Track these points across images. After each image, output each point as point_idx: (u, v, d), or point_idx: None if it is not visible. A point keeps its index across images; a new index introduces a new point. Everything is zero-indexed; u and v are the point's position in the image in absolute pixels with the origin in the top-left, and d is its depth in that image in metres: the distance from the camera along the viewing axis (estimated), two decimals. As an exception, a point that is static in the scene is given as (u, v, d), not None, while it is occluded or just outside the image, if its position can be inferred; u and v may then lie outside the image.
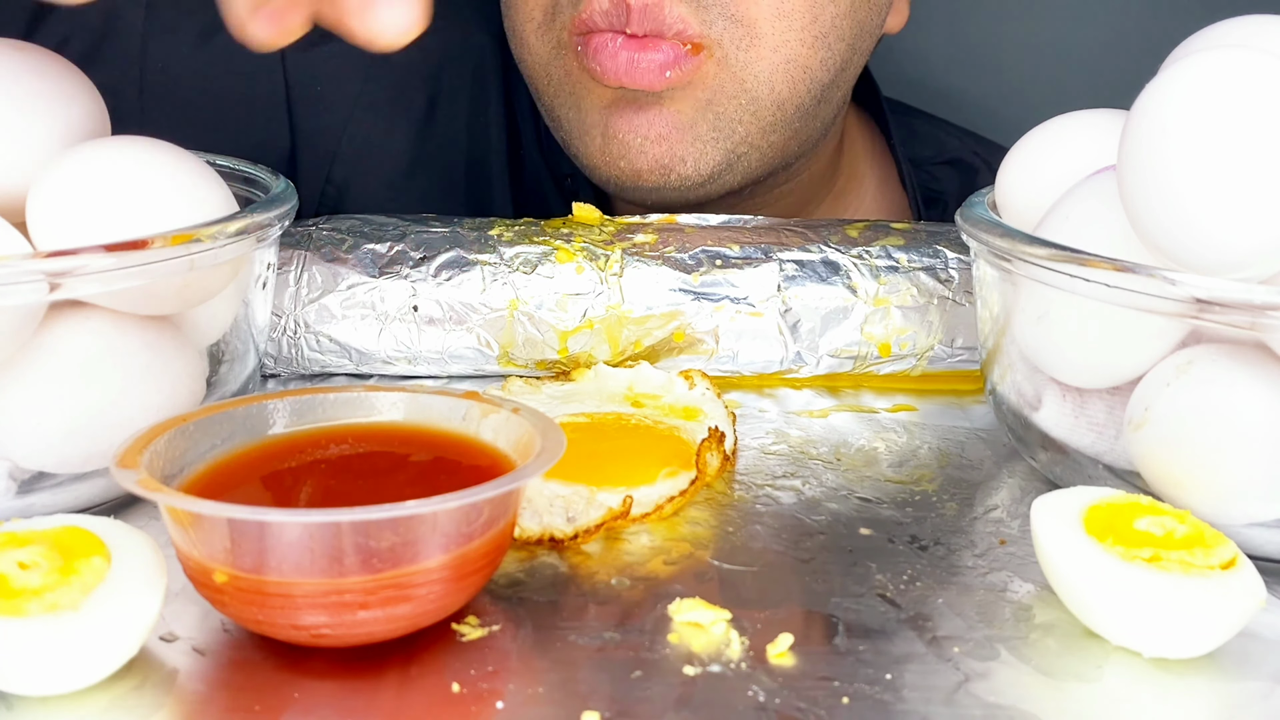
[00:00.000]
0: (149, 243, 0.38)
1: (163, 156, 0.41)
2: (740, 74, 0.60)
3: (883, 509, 0.43)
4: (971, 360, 0.54)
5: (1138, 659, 0.34)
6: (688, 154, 0.61)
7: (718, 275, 0.54)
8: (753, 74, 0.60)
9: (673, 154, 0.61)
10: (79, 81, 0.43)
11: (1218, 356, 0.38)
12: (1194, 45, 0.43)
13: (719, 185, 0.63)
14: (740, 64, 0.60)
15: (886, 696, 0.32)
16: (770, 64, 0.60)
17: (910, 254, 0.55)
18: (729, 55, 0.59)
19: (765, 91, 0.61)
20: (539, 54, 0.64)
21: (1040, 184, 0.46)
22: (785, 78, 0.61)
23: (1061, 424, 0.43)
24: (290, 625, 0.32)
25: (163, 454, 0.35)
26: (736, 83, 0.60)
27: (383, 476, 0.37)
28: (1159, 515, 0.36)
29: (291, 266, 0.53)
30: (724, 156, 0.62)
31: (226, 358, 0.45)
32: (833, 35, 0.61)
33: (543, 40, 0.63)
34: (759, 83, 0.60)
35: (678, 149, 0.61)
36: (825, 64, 0.62)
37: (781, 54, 0.60)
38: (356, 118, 0.73)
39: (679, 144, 0.61)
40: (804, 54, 0.60)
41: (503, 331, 0.53)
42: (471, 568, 0.34)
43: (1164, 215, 0.37)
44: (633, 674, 0.33)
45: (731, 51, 0.59)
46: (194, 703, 0.32)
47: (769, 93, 0.61)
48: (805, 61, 0.61)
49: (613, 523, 0.41)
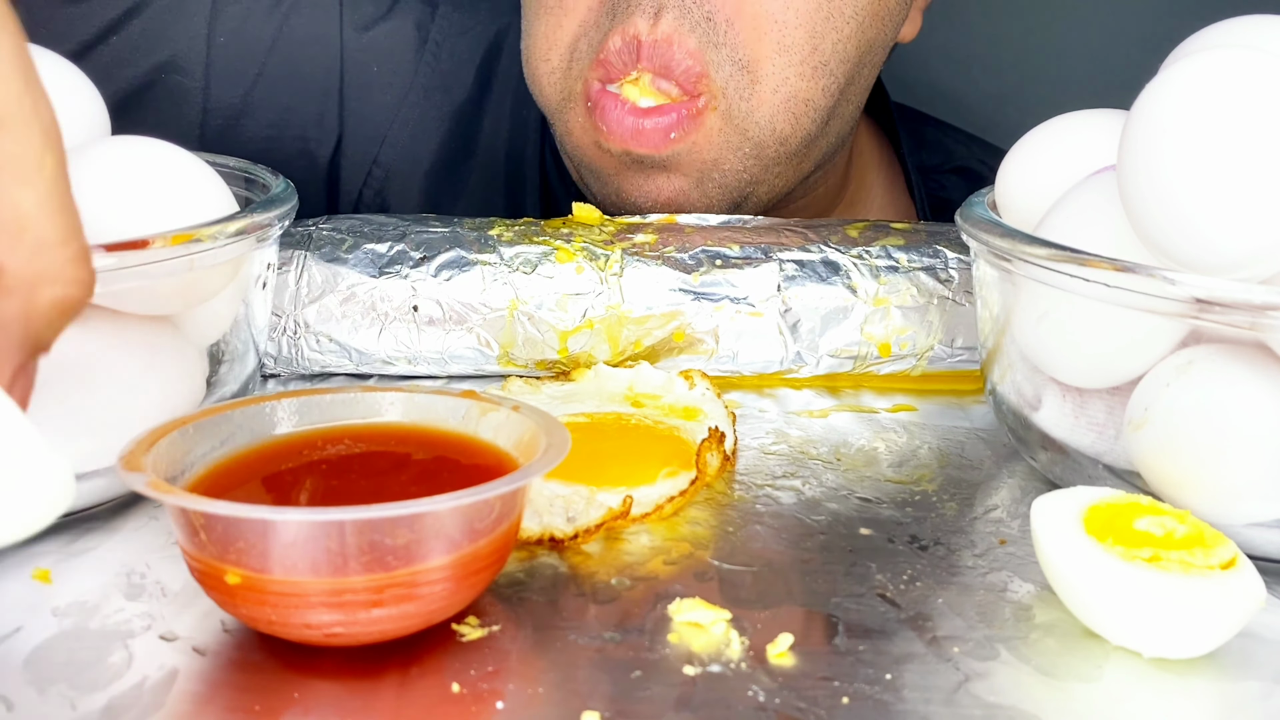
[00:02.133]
0: (149, 243, 0.38)
1: (163, 156, 0.41)
2: (743, 124, 0.60)
3: (883, 509, 0.43)
4: (971, 360, 0.54)
5: (1138, 659, 0.34)
6: (697, 206, 0.62)
7: (718, 275, 0.54)
8: (754, 121, 0.60)
9: (682, 208, 0.62)
10: (79, 81, 0.43)
11: (1218, 356, 0.38)
12: (1194, 45, 0.43)
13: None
14: (743, 114, 0.60)
15: (886, 696, 0.32)
16: (771, 106, 0.60)
17: (910, 254, 0.55)
18: (732, 107, 0.59)
19: (768, 135, 0.61)
20: (549, 101, 0.64)
21: (1040, 184, 0.46)
22: (787, 116, 0.61)
23: (1061, 424, 0.43)
24: (303, 625, 0.32)
25: (165, 456, 0.35)
26: (739, 134, 0.60)
27: (385, 476, 0.37)
28: (1159, 515, 0.36)
29: (291, 266, 0.53)
30: (733, 201, 0.62)
31: (226, 358, 0.45)
32: (834, 61, 0.61)
33: (554, 88, 0.63)
34: (760, 129, 0.60)
35: (687, 205, 0.62)
36: (826, 91, 0.61)
37: (781, 93, 0.60)
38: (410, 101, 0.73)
39: (688, 203, 0.62)
40: (804, 87, 0.60)
41: (503, 331, 0.53)
42: (481, 565, 0.34)
43: (1164, 215, 0.37)
44: (633, 674, 0.33)
45: (735, 102, 0.59)
46: (194, 703, 0.32)
47: (771, 135, 0.61)
48: (805, 95, 0.61)
49: (613, 523, 0.41)
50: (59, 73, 0.43)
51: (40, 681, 0.32)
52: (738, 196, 0.62)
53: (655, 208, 0.61)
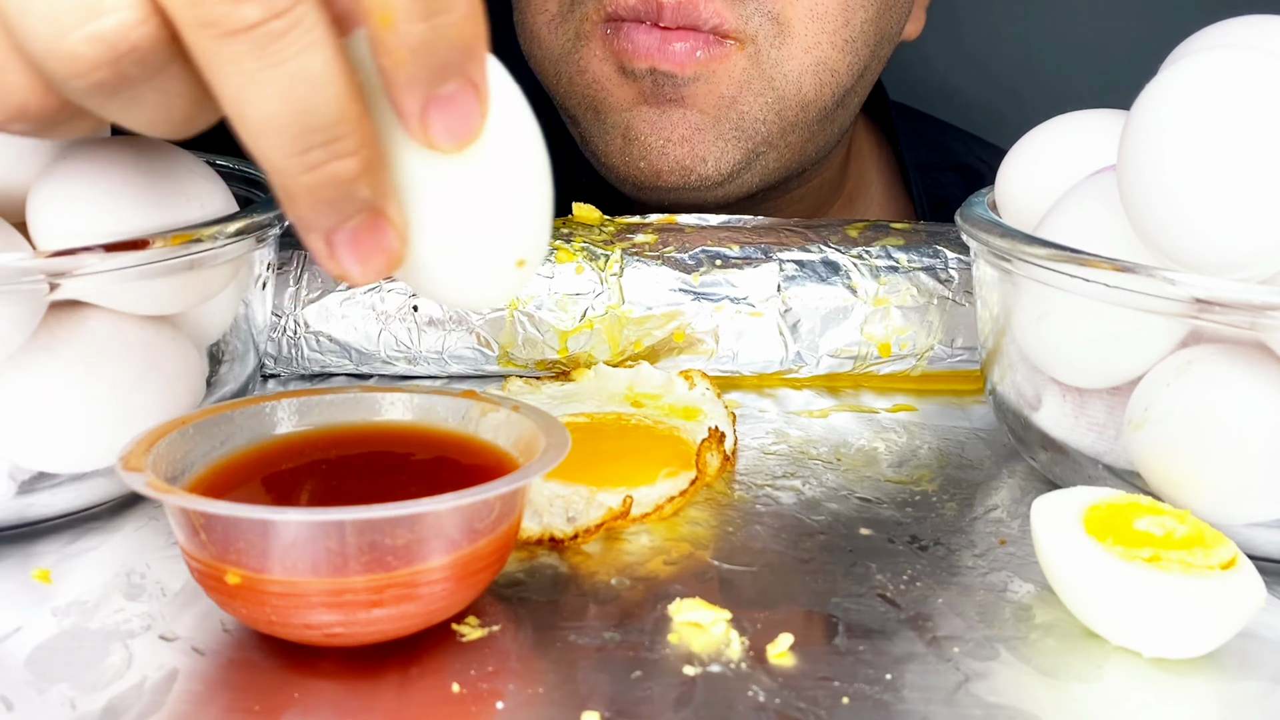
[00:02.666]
0: (149, 243, 0.38)
1: (163, 156, 0.41)
2: (770, 71, 0.60)
3: (883, 509, 0.43)
4: (971, 360, 0.54)
5: (1138, 659, 0.34)
6: (709, 153, 0.61)
7: (718, 275, 0.54)
8: (782, 73, 0.60)
9: (694, 154, 0.61)
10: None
11: (1218, 356, 0.38)
12: (1194, 45, 0.43)
13: (736, 186, 0.63)
14: (771, 61, 0.60)
15: (886, 696, 0.32)
16: (800, 64, 0.60)
17: (910, 254, 0.55)
18: (761, 51, 0.59)
19: (793, 91, 0.61)
20: (552, 49, 0.63)
21: (1040, 184, 0.46)
22: (814, 79, 0.61)
23: (1061, 424, 0.43)
24: (303, 625, 0.32)
25: (165, 456, 0.35)
26: (764, 80, 0.60)
27: (386, 476, 0.37)
28: (1159, 515, 0.36)
29: (291, 266, 0.53)
30: (744, 156, 0.62)
31: (226, 358, 0.45)
32: (860, 40, 0.61)
33: (557, 34, 0.62)
34: (787, 82, 0.60)
35: (699, 149, 0.61)
36: (851, 68, 0.62)
37: (813, 55, 0.60)
38: None
39: (700, 144, 0.61)
40: (834, 56, 0.61)
41: (503, 331, 0.53)
42: (481, 565, 0.34)
43: (1164, 215, 0.37)
44: (633, 674, 0.33)
45: (765, 47, 0.59)
46: (194, 703, 0.32)
47: (796, 93, 0.61)
48: (834, 64, 0.61)
49: (613, 523, 0.41)
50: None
51: (40, 681, 0.32)
52: (748, 152, 0.62)
53: (666, 146, 0.61)
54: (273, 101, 0.26)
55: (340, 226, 0.28)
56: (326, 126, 0.26)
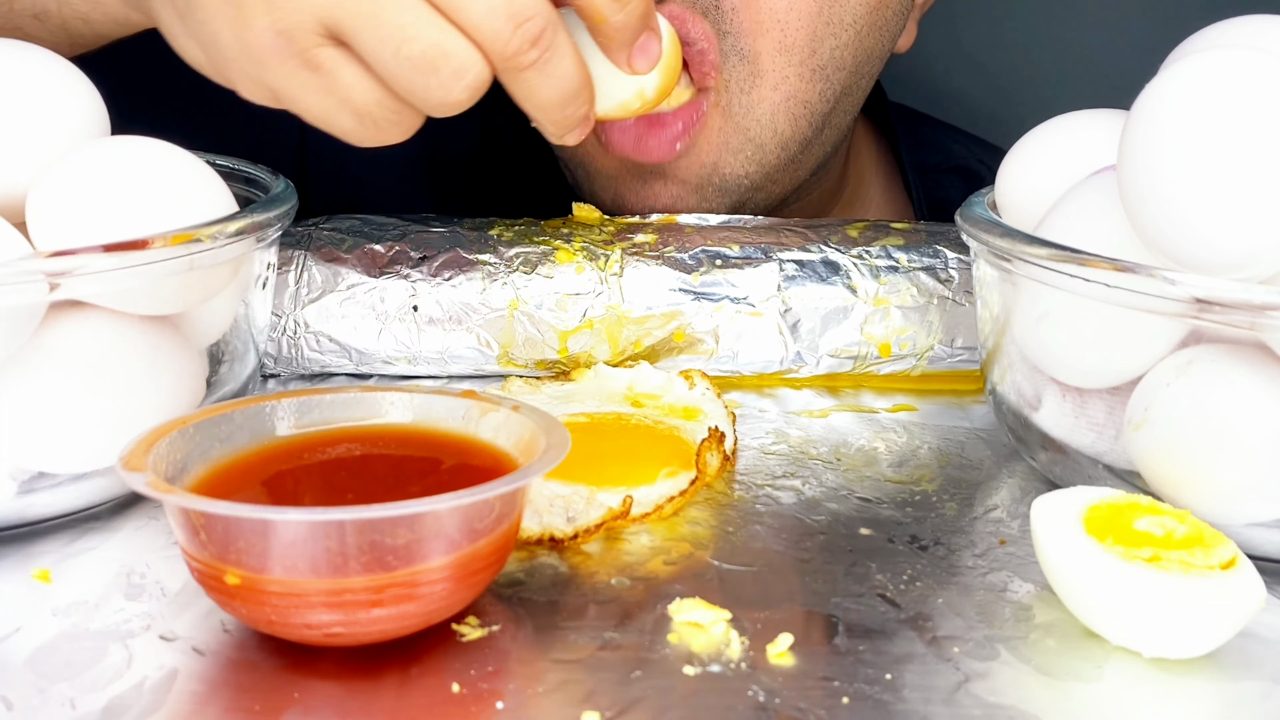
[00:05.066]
0: (149, 243, 0.38)
1: (163, 156, 0.41)
2: (743, 121, 0.60)
3: (883, 509, 0.43)
4: (971, 360, 0.54)
5: (1138, 659, 0.34)
6: (695, 210, 0.62)
7: (718, 275, 0.54)
8: (755, 118, 0.60)
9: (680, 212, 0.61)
10: (79, 81, 0.43)
11: (1218, 356, 0.38)
12: (1194, 45, 0.43)
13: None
14: (743, 109, 0.59)
15: (886, 696, 0.32)
16: (771, 104, 0.60)
17: (910, 254, 0.55)
18: (733, 101, 0.59)
19: (769, 135, 0.61)
20: None
21: (1040, 184, 0.46)
22: (786, 116, 0.61)
23: (1061, 424, 0.43)
24: (303, 625, 0.32)
25: (165, 456, 0.35)
26: (740, 133, 0.60)
27: (386, 476, 0.37)
28: (1159, 515, 0.36)
29: (291, 266, 0.53)
30: (732, 205, 0.62)
31: (226, 358, 0.45)
32: (831, 67, 0.61)
33: None
34: (761, 127, 0.60)
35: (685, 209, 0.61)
36: (824, 95, 0.61)
37: (781, 91, 0.60)
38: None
39: (686, 207, 0.61)
40: (803, 89, 0.60)
41: (503, 331, 0.53)
42: (481, 565, 0.34)
43: (1163, 215, 0.37)
44: (633, 674, 0.33)
45: (736, 95, 0.59)
46: (194, 702, 0.32)
47: (773, 135, 0.61)
48: (804, 96, 0.61)
49: (613, 523, 0.41)
50: (58, 73, 0.43)
51: (40, 681, 0.32)
52: (735, 202, 0.62)
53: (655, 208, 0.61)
54: (549, 92, 0.44)
55: (573, 129, 0.47)
56: (576, 91, 0.45)
